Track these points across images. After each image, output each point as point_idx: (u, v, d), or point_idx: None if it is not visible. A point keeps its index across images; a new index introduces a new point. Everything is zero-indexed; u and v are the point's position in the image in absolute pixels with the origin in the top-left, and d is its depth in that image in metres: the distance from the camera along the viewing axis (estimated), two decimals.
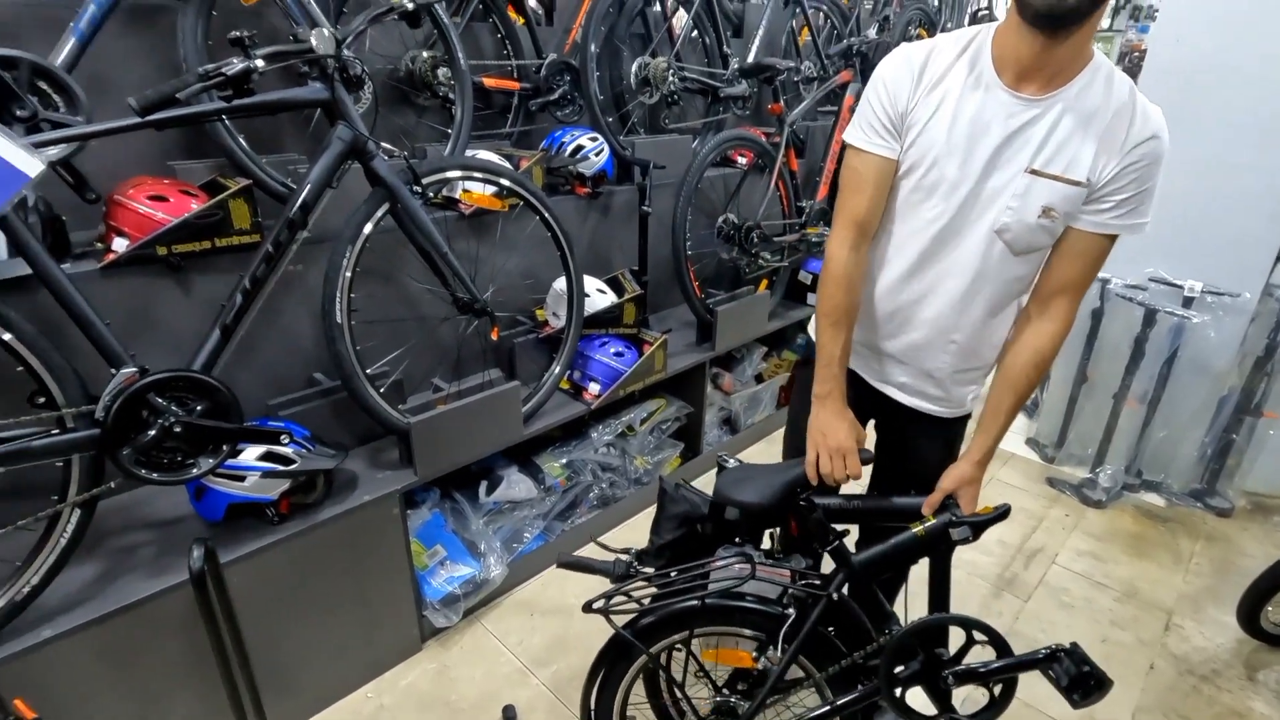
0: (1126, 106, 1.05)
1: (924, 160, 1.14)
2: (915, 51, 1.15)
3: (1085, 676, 1.17)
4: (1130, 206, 1.08)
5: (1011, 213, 1.11)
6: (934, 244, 1.19)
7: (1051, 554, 2.45)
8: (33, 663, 1.29)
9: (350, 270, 1.63)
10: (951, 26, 4.91)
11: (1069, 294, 1.16)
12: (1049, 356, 1.19)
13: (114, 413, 1.30)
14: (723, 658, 1.35)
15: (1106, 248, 1.13)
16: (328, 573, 1.73)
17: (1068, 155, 1.07)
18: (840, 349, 1.26)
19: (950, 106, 1.11)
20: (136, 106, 1.24)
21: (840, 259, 1.23)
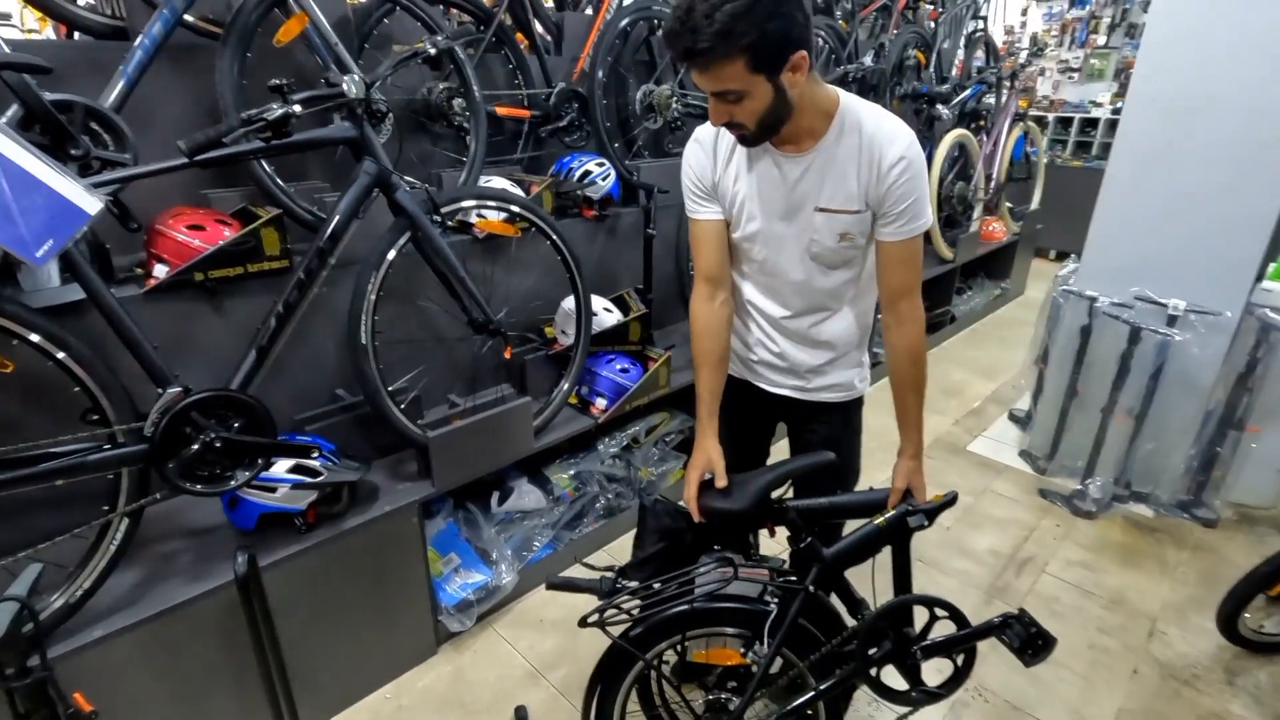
0: (874, 139, 1.26)
1: (741, 216, 1.38)
2: (706, 136, 1.38)
3: (1034, 637, 1.30)
4: (910, 215, 1.29)
5: (816, 242, 1.35)
6: (768, 274, 1.43)
7: (1042, 563, 2.54)
8: (86, 660, 1.40)
9: (375, 294, 1.74)
10: (948, 47, 5.04)
11: (907, 295, 1.36)
12: (917, 350, 1.38)
13: (162, 429, 1.41)
14: (713, 657, 1.44)
15: (914, 249, 1.33)
16: (350, 579, 1.83)
17: (843, 192, 1.29)
18: (709, 390, 1.46)
19: (745, 174, 1.35)
20: (186, 149, 1.35)
21: (701, 312, 1.45)
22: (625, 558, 2.05)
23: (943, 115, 4.07)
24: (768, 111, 1.18)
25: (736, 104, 1.17)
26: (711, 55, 1.09)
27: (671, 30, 1.11)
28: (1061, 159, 6.91)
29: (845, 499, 1.42)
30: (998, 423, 3.57)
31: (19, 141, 1.22)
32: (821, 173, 1.29)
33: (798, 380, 1.53)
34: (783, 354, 1.50)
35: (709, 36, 1.07)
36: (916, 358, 1.38)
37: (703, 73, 1.14)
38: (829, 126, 1.27)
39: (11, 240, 1.21)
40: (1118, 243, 2.83)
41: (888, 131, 1.26)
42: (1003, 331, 4.82)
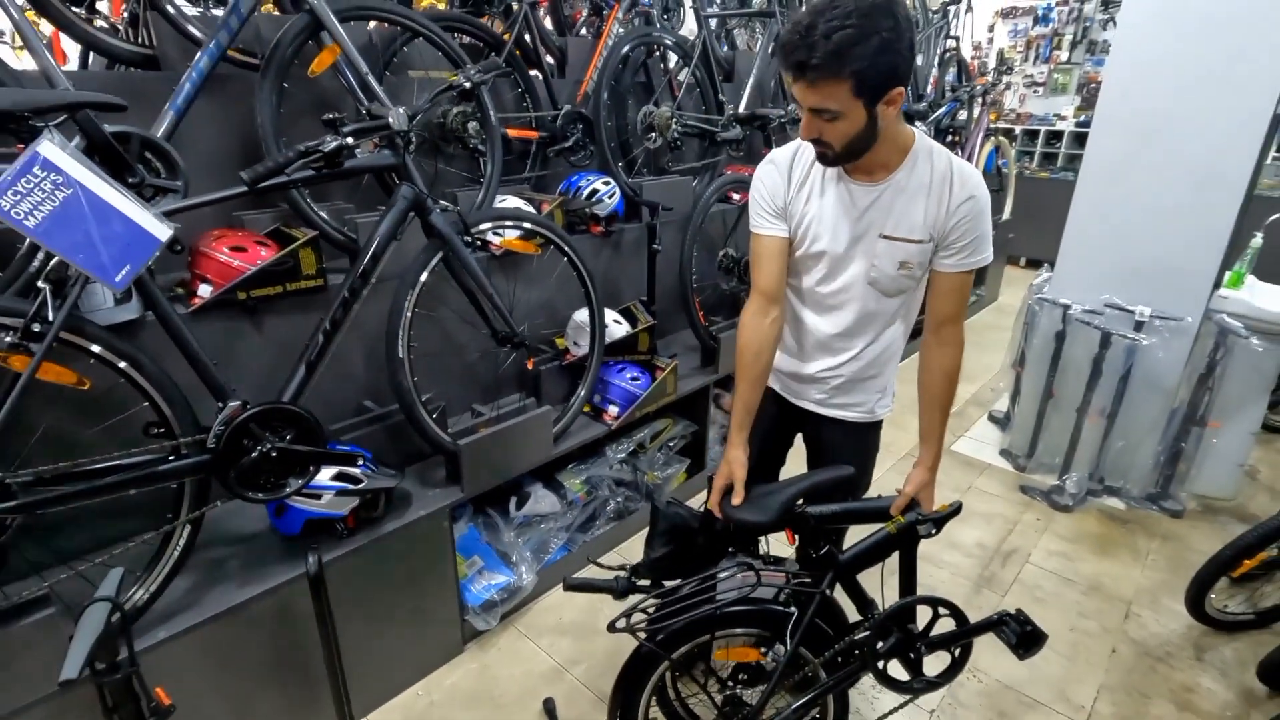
0: (945, 177, 1.36)
1: (807, 236, 1.46)
2: (782, 158, 1.47)
3: (1028, 635, 1.45)
4: (970, 250, 1.39)
5: (876, 269, 1.43)
6: (826, 293, 1.51)
7: (1025, 554, 2.71)
8: (154, 658, 1.47)
9: (411, 311, 1.85)
10: (920, 64, 5.27)
11: (952, 322, 1.47)
12: (953, 372, 1.48)
13: (224, 440, 1.50)
14: (733, 655, 1.53)
15: (967, 281, 1.44)
16: (386, 581, 1.93)
17: (908, 222, 1.38)
18: (745, 405, 1.53)
19: (817, 197, 1.43)
20: (248, 179, 1.45)
21: (752, 326, 1.51)
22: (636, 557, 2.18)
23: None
24: (857, 136, 1.26)
25: (830, 123, 1.24)
26: (821, 73, 1.16)
27: (789, 42, 1.18)
28: (1030, 171, 7.21)
29: (859, 505, 1.53)
30: (979, 424, 3.76)
31: (99, 174, 1.31)
32: (890, 203, 1.38)
33: (821, 395, 1.62)
34: (813, 369, 1.58)
35: (823, 55, 1.14)
36: (951, 378, 1.48)
37: (809, 87, 1.19)
38: (903, 161, 1.36)
39: (94, 266, 1.31)
40: (1088, 253, 3.04)
41: (959, 170, 1.36)
42: (979, 336, 5.04)
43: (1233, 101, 2.58)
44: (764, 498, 1.44)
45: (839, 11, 1.14)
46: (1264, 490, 3.14)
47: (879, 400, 1.63)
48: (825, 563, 1.46)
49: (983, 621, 1.48)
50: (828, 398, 1.62)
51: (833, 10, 1.15)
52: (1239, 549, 2.16)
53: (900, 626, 1.50)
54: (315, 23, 1.91)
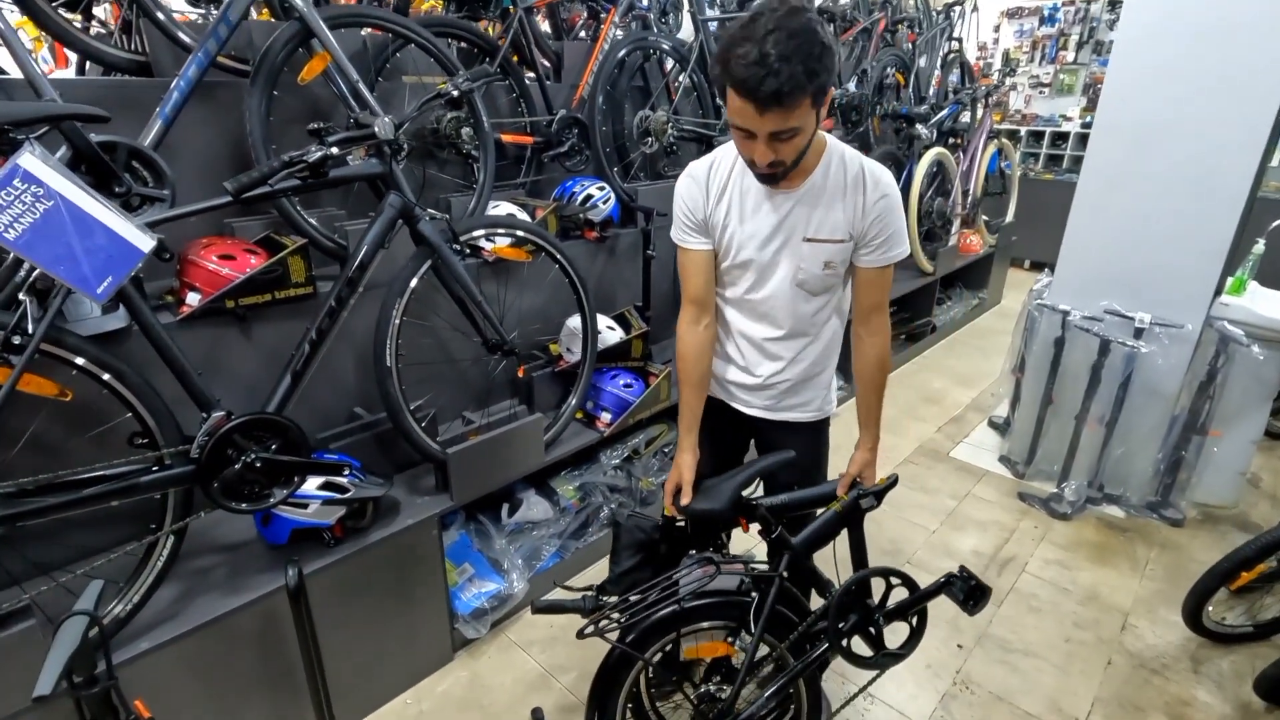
0: (858, 179, 1.41)
1: (731, 247, 1.49)
2: (699, 171, 1.49)
3: (974, 590, 1.48)
4: (887, 245, 1.45)
5: (803, 270, 1.47)
6: (755, 300, 1.54)
7: (1022, 563, 2.69)
8: (135, 671, 1.47)
9: (399, 319, 1.84)
10: (924, 64, 5.24)
11: (878, 311, 1.52)
12: (883, 358, 1.55)
13: (207, 451, 1.50)
14: (703, 651, 1.55)
15: (888, 275, 1.50)
16: (373, 590, 1.92)
17: (828, 223, 1.42)
18: (690, 409, 1.62)
19: (737, 207, 1.46)
20: (232, 190, 1.45)
21: (686, 336, 1.59)
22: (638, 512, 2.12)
23: (922, 134, 4.25)
24: (806, 146, 1.29)
25: (788, 141, 1.24)
26: (796, 95, 1.16)
27: (750, 77, 1.14)
28: (1034, 172, 7.16)
29: (804, 492, 1.56)
30: (978, 429, 3.74)
31: (81, 186, 1.31)
32: (810, 206, 1.42)
33: (769, 400, 1.65)
34: (759, 375, 1.61)
35: (793, 76, 1.14)
36: (883, 364, 1.55)
37: (780, 111, 1.18)
38: (818, 163, 1.40)
39: (76, 279, 1.30)
40: (1088, 259, 3.01)
41: (871, 170, 1.41)
42: (981, 341, 5.01)
43: (1234, 107, 2.54)
44: (714, 488, 1.49)
45: (777, 33, 1.14)
46: (1266, 498, 3.11)
47: (825, 396, 1.68)
48: (780, 547, 1.50)
49: (932, 585, 1.52)
50: (776, 402, 1.65)
51: (768, 33, 1.14)
52: (1237, 561, 2.14)
53: (858, 602, 1.54)
54: (305, 30, 1.91)
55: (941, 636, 2.31)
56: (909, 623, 1.56)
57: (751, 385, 1.64)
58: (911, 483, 3.22)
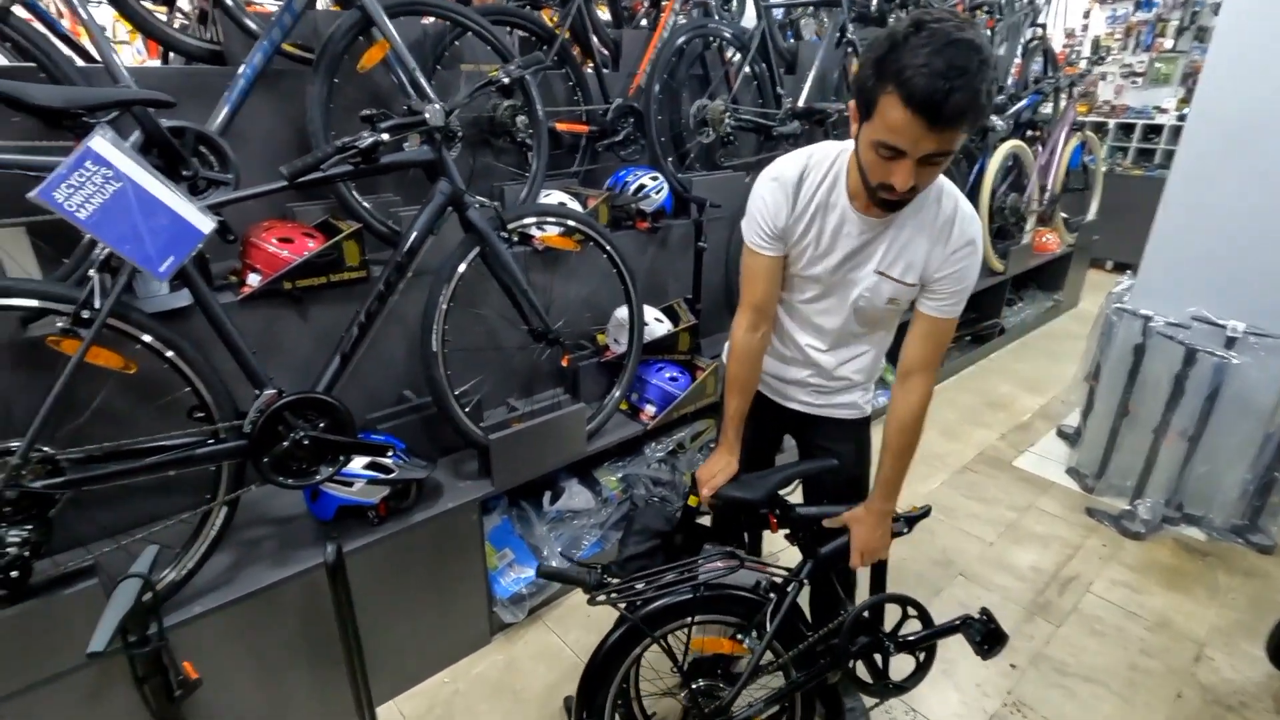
0: (950, 220, 1.32)
1: (802, 259, 1.43)
2: (788, 177, 1.38)
3: (991, 634, 1.41)
4: (956, 298, 1.37)
5: (865, 299, 1.42)
6: (813, 311, 1.51)
7: (1086, 582, 2.53)
8: (186, 633, 1.55)
9: (446, 304, 1.86)
10: (1004, 53, 4.97)
11: (922, 371, 1.41)
12: (909, 423, 1.42)
13: (259, 427, 1.55)
14: (708, 645, 1.53)
15: (947, 328, 1.40)
16: (415, 570, 1.96)
17: (904, 261, 1.36)
18: (737, 412, 1.56)
19: (818, 223, 1.38)
20: (287, 175, 1.49)
21: (741, 339, 1.52)
22: None
23: (996, 126, 4.04)
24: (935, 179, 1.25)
25: (935, 166, 1.15)
26: (975, 116, 1.07)
27: (935, 90, 1.03)
28: (1122, 167, 6.73)
29: (834, 508, 1.51)
30: (1045, 438, 3.54)
31: (147, 168, 1.37)
32: (892, 239, 1.35)
33: (808, 398, 1.62)
34: (800, 375, 1.60)
35: (975, 95, 1.05)
36: (907, 428, 1.43)
37: (952, 132, 1.09)
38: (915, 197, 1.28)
39: (140, 257, 1.36)
40: (1175, 260, 2.79)
41: (965, 214, 1.32)
42: (1053, 345, 4.74)
43: None
44: (752, 481, 1.47)
45: (960, 45, 1.03)
46: None
47: (864, 398, 1.64)
48: (804, 551, 1.47)
49: (948, 624, 1.47)
50: (813, 399, 1.63)
51: (951, 43, 1.03)
52: None
53: (871, 626, 1.50)
54: (366, 18, 1.94)
55: None
56: (916, 657, 1.52)
57: (790, 380, 1.62)
58: (969, 491, 3.08)
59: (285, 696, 1.78)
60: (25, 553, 1.32)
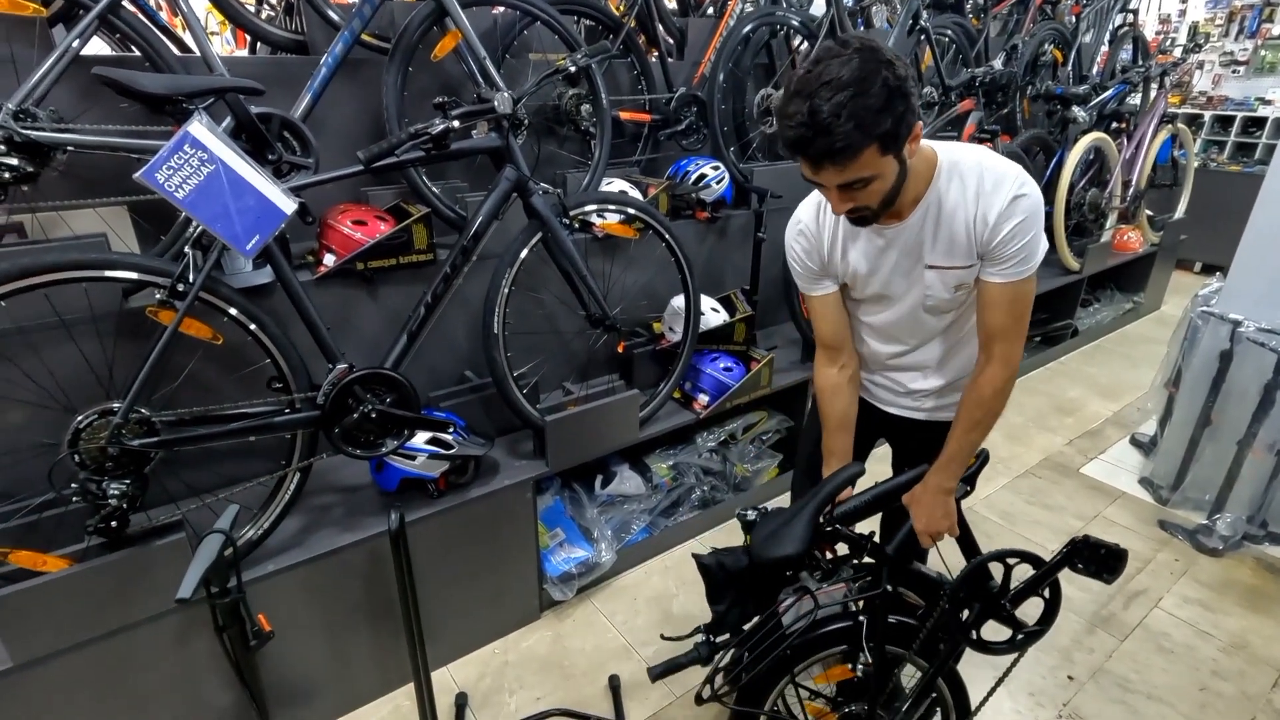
0: (979, 192, 1.25)
1: (855, 284, 1.44)
2: (807, 221, 1.42)
3: (1105, 556, 1.27)
4: (1019, 259, 1.26)
5: (931, 297, 1.38)
6: (887, 324, 1.47)
7: (1155, 597, 2.42)
8: (261, 589, 1.65)
9: (508, 288, 1.92)
10: (1090, 41, 4.73)
11: (1000, 339, 1.31)
12: (984, 395, 1.33)
13: (331, 399, 1.64)
14: (831, 677, 1.48)
15: (1018, 292, 1.29)
16: (470, 543, 2.04)
17: (947, 247, 1.30)
18: (840, 449, 1.56)
19: (850, 249, 1.39)
20: (364, 159, 1.56)
21: (826, 378, 1.54)
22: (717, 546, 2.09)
23: (1078, 117, 3.85)
24: (892, 189, 1.19)
25: (863, 190, 1.15)
26: (849, 152, 1.07)
27: (799, 137, 1.08)
28: (1217, 163, 6.30)
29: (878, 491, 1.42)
30: (1117, 446, 3.38)
31: (237, 152, 1.46)
32: (928, 233, 1.31)
33: (912, 402, 1.57)
34: (894, 383, 1.57)
35: (845, 134, 1.05)
36: (982, 400, 1.34)
37: (836, 168, 1.11)
38: (928, 188, 1.27)
39: (229, 235, 1.46)
40: (1271, 263, 2.62)
41: (993, 177, 1.24)
42: (1130, 349, 4.51)
43: None
44: (782, 530, 1.35)
45: (833, 83, 1.04)
46: None
47: None
48: (877, 559, 1.39)
49: (1055, 560, 1.32)
50: (915, 403, 1.58)
51: (824, 85, 1.04)
52: None
53: (978, 591, 1.37)
54: (440, 9, 2.01)
55: (1050, 665, 2.13)
56: (1041, 597, 1.37)
57: (899, 391, 1.58)
58: (1032, 496, 2.98)
59: (347, 654, 1.88)
60: (123, 505, 1.44)
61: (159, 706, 1.63)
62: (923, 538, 1.41)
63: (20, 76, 1.54)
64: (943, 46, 3.79)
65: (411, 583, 1.53)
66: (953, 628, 1.36)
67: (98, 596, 1.46)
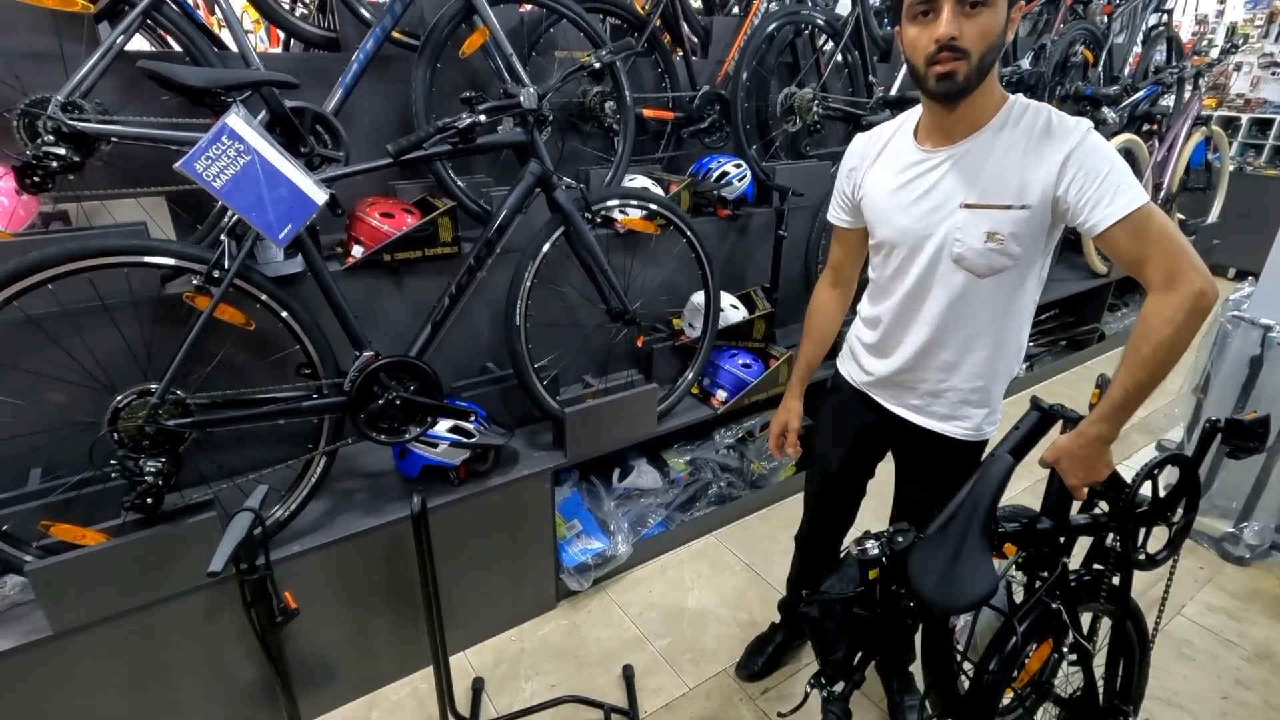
0: (1044, 129, 1.18)
1: (873, 222, 1.42)
2: (872, 135, 1.43)
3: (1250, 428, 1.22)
4: (1112, 191, 1.12)
5: (960, 242, 1.26)
6: (907, 283, 1.38)
7: (1178, 605, 2.38)
8: (287, 568, 1.70)
9: (530, 281, 1.95)
10: (1122, 41, 4.65)
11: (1151, 266, 1.12)
12: (1153, 323, 1.12)
13: (357, 385, 1.68)
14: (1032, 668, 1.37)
15: (1144, 226, 1.11)
16: (489, 531, 2.07)
17: (998, 185, 1.21)
18: (807, 360, 1.72)
19: (886, 157, 1.37)
20: (393, 152, 1.60)
21: (820, 293, 1.69)
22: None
23: (1107, 119, 3.79)
24: (993, 43, 1.12)
25: (975, 17, 1.10)
26: None
27: None
28: (1253, 166, 6.16)
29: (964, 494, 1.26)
30: (1142, 452, 3.33)
31: (272, 143, 1.51)
32: (975, 165, 1.22)
33: (918, 401, 1.48)
34: (912, 376, 1.46)
35: None
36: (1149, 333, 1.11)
37: None
38: (994, 115, 1.22)
39: (263, 224, 1.50)
40: None
41: (1060, 118, 1.18)
42: None
43: None
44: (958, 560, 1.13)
45: None
46: None
47: (986, 417, 1.45)
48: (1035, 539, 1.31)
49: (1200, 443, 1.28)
50: (925, 404, 1.47)
51: None
52: None
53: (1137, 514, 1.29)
54: (469, 6, 2.04)
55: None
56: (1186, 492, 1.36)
57: (899, 381, 1.49)
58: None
59: (368, 635, 1.93)
60: (159, 482, 1.50)
61: (187, 679, 1.69)
62: (1078, 492, 1.28)
63: (68, 70, 1.61)
64: None
65: (432, 567, 1.57)
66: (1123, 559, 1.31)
67: (133, 570, 1.52)
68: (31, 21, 1.68)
